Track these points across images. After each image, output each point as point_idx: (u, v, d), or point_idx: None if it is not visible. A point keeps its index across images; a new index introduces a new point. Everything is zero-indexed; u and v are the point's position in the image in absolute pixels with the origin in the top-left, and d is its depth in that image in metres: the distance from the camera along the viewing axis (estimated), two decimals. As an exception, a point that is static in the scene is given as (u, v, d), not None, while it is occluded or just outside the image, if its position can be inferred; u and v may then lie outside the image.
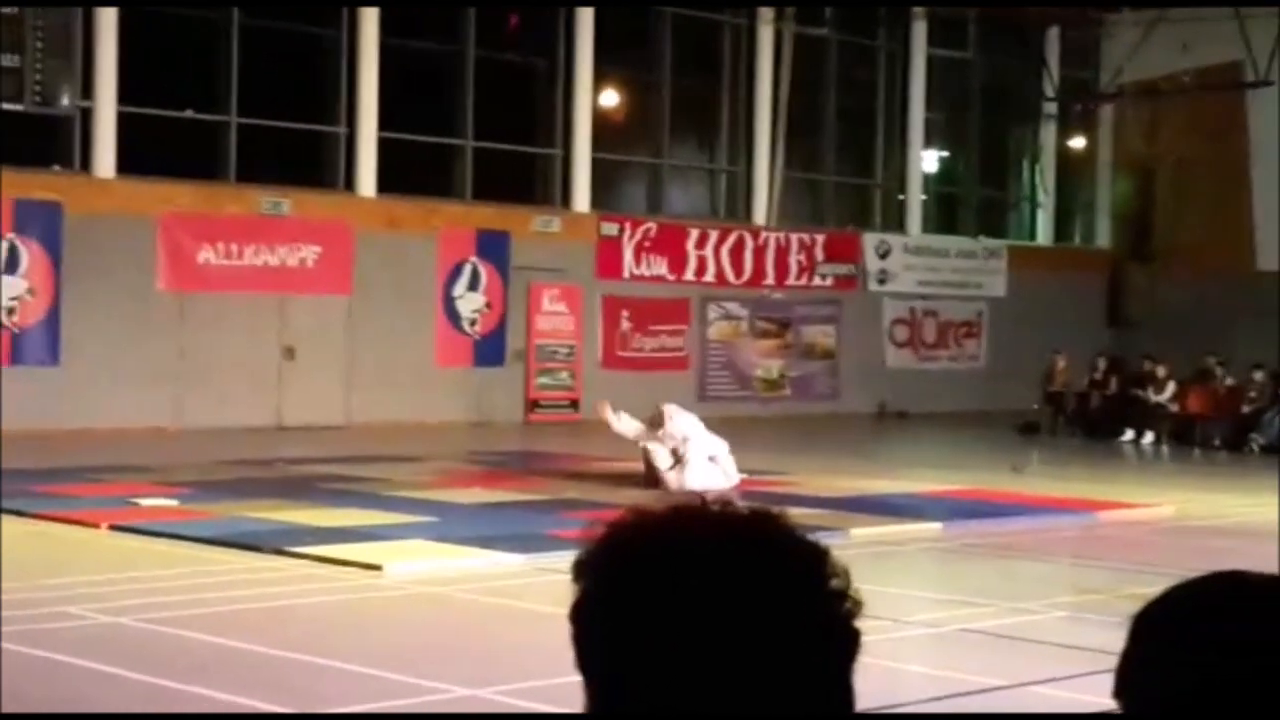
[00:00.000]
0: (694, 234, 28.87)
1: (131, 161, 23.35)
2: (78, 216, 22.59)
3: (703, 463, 16.88)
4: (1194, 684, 1.45)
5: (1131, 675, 1.50)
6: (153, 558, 12.04)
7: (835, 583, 1.39)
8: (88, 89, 22.81)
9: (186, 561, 11.86)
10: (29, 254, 22.44)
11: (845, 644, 1.39)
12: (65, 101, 22.34)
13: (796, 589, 1.36)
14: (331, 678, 8.34)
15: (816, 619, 1.37)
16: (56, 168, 23.26)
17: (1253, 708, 1.44)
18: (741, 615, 1.33)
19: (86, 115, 23.04)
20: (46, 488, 15.45)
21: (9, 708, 7.56)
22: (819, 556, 1.40)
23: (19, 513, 13.85)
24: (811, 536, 1.41)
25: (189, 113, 24.48)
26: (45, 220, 22.49)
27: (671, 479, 16.66)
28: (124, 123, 23.32)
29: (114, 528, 13.24)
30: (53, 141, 23.15)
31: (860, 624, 1.39)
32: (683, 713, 1.33)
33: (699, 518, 1.40)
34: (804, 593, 1.37)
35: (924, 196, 32.63)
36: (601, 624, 1.37)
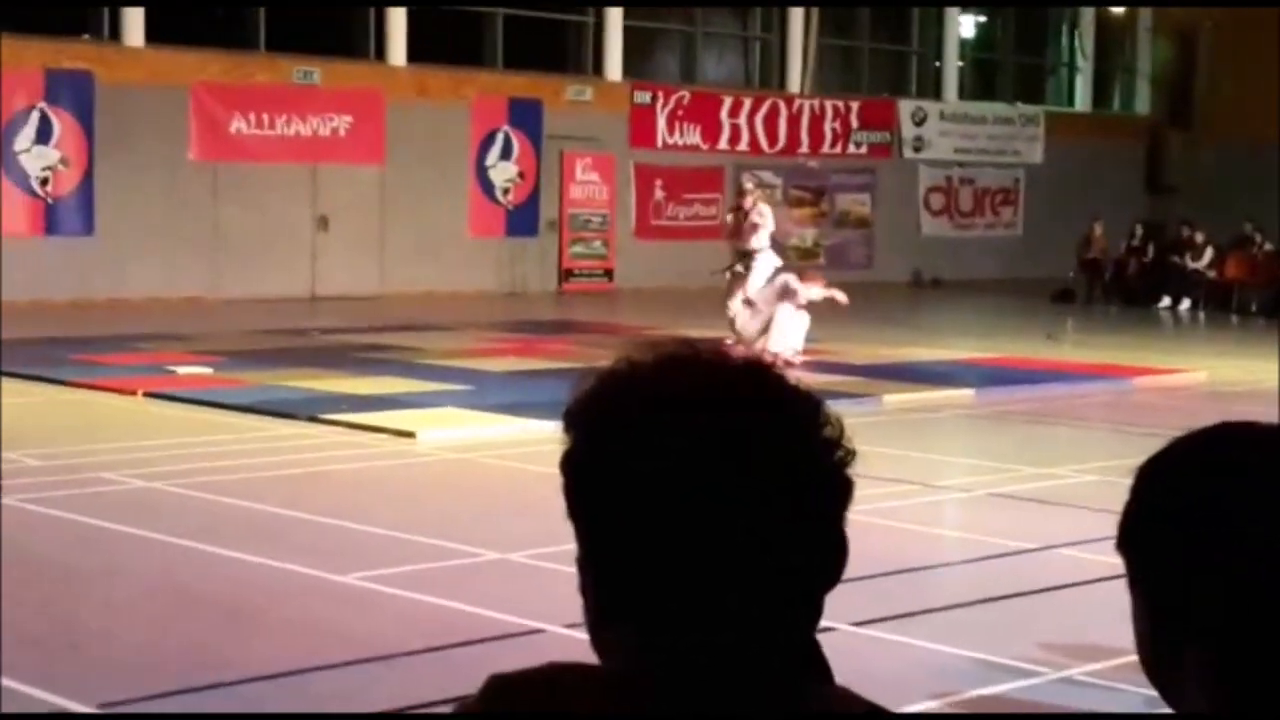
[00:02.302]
0: (728, 102, 28.64)
1: (161, 31, 23.22)
2: (109, 86, 22.53)
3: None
4: (1196, 534, 1.43)
5: (1133, 526, 1.49)
6: (188, 425, 12.14)
7: (828, 431, 1.37)
8: (116, -43, 22.66)
9: (221, 429, 11.96)
10: (61, 124, 22.43)
11: (837, 492, 1.37)
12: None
13: (788, 436, 1.35)
14: (363, 541, 8.42)
15: (808, 466, 1.35)
16: (86, 37, 23.17)
17: (1254, 555, 1.42)
18: (732, 462, 1.32)
19: (115, -16, 22.90)
20: (82, 356, 15.55)
21: (47, 572, 7.66)
22: (811, 405, 1.38)
23: (57, 381, 13.97)
24: (841, 399, 1.40)
25: (219, -20, 24.30)
26: (77, 90, 22.44)
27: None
28: (153, -9, 23.16)
29: (149, 395, 13.34)
30: (83, 11, 23.03)
31: (852, 474, 1.37)
32: (665, 572, 1.32)
33: (690, 366, 1.38)
34: (796, 440, 1.35)
35: (960, 62, 32.27)
36: (591, 473, 1.36)
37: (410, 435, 11.60)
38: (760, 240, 17.82)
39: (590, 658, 1.38)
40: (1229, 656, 1.43)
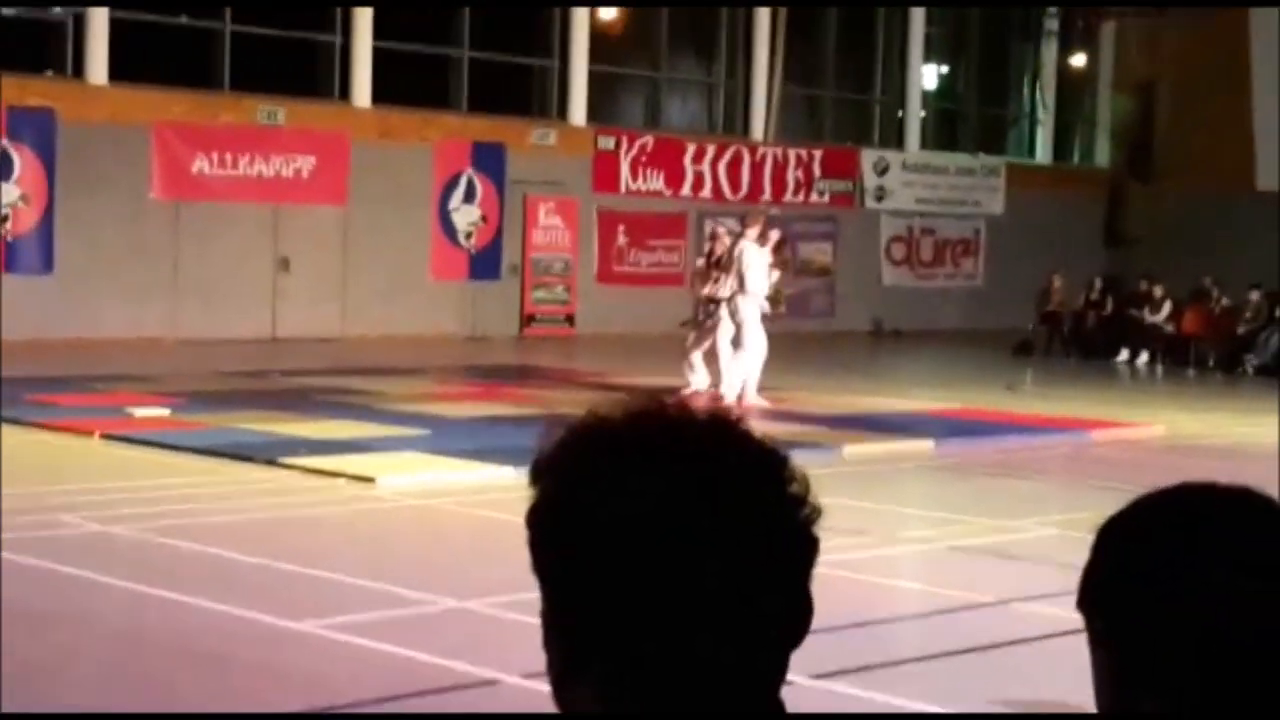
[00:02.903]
0: (691, 148, 28.75)
1: (125, 69, 23.18)
2: (71, 124, 22.46)
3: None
4: (1157, 595, 1.45)
5: (1097, 585, 1.50)
6: (145, 467, 12.06)
7: (794, 488, 1.37)
8: (81, -5, 22.63)
9: (179, 471, 11.89)
10: (22, 161, 22.33)
11: (804, 550, 1.37)
12: (58, 7, 22.18)
13: (754, 493, 1.34)
14: (321, 587, 8.37)
15: (774, 524, 1.35)
16: (50, 74, 23.10)
17: (1215, 617, 1.44)
18: (699, 519, 1.31)
19: (80, 21, 22.87)
20: (40, 397, 15.44)
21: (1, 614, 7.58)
22: (778, 462, 1.38)
23: (13, 421, 13.86)
24: (800, 450, 1.40)
25: (183, 19, 24.29)
26: (38, 127, 22.36)
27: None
28: (117, 29, 23.13)
29: (107, 437, 13.26)
30: (46, 47, 22.98)
31: (818, 531, 1.37)
32: (638, 617, 1.32)
33: (658, 418, 1.38)
34: (762, 497, 1.35)
35: (923, 113, 32.48)
36: (557, 528, 1.35)
37: (370, 480, 11.55)
38: (732, 287, 17.04)
39: (550, 709, 1.38)
40: (1194, 714, 1.44)
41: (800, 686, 6.26)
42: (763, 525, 1.33)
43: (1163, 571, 1.44)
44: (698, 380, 17.49)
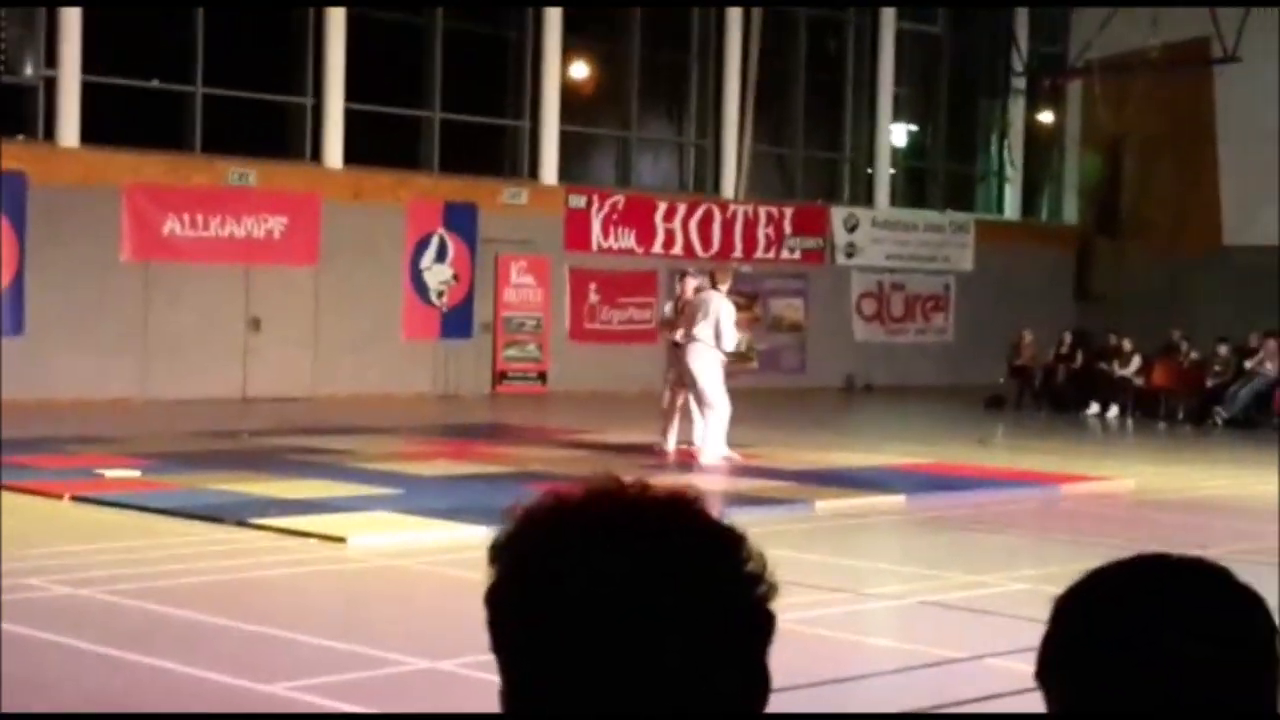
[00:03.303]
0: (662, 206, 28.86)
1: (96, 131, 23.21)
2: (42, 186, 22.46)
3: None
4: (1114, 665, 1.47)
5: (1052, 657, 1.52)
6: (116, 529, 12.01)
7: (751, 566, 1.39)
8: (52, 58, 22.67)
9: (149, 533, 11.84)
10: (-8, 224, 22.30)
11: (761, 627, 1.39)
12: (29, 70, 22.21)
13: (712, 573, 1.37)
14: (291, 649, 8.34)
15: (732, 603, 1.37)
16: (20, 138, 23.11)
17: (1171, 686, 1.46)
18: (656, 600, 1.34)
19: (51, 84, 22.90)
20: (9, 458, 15.33)
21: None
22: (735, 540, 1.41)
23: (-19, 484, 13.79)
24: (773, 505, 1.42)
25: (155, 83, 24.36)
26: (9, 190, 22.33)
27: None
28: (89, 92, 23.18)
29: (76, 499, 13.20)
30: (17, 111, 22.98)
31: (775, 607, 1.40)
32: (596, 698, 1.33)
33: (615, 501, 1.40)
34: (719, 577, 1.37)
35: (892, 170, 32.67)
36: (515, 607, 1.37)
37: (340, 540, 11.51)
38: (702, 331, 16.74)
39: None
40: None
41: (771, 744, 6.25)
42: (720, 603, 1.36)
43: (1119, 642, 1.46)
44: (670, 440, 17.38)
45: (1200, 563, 1.54)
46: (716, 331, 16.75)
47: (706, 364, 16.78)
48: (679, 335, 17.15)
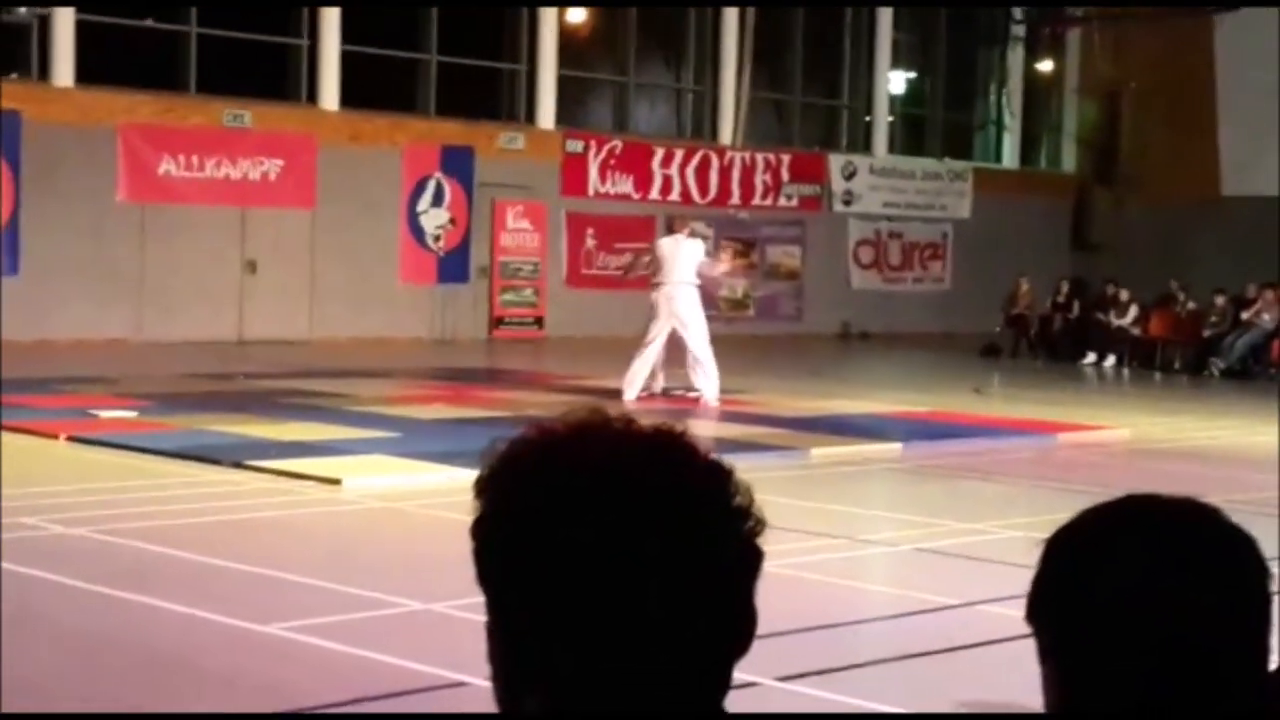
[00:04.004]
0: (659, 153, 28.77)
1: (91, 71, 23.10)
2: (37, 125, 22.36)
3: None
4: (1102, 605, 1.46)
5: (1041, 597, 1.52)
6: (110, 469, 12.01)
7: (738, 500, 1.38)
8: (46, -4, 22.55)
9: (144, 474, 11.84)
10: (-12, 163, 22.23)
11: (749, 562, 1.38)
12: (23, 10, 22.08)
13: (699, 506, 1.35)
14: (286, 590, 8.35)
15: (720, 537, 1.35)
16: (14, 76, 23.00)
17: (1159, 626, 1.45)
18: (642, 533, 1.32)
19: (45, 23, 22.77)
20: (4, 398, 15.35)
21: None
22: (723, 474, 1.39)
23: (-24, 423, 13.79)
24: (768, 452, 1.41)
25: (149, 22, 24.21)
26: (4, 129, 22.24)
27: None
28: (83, 31, 23.06)
29: (72, 439, 13.20)
30: (11, 50, 22.87)
31: (762, 543, 1.38)
32: (580, 631, 1.32)
33: (602, 434, 1.39)
34: (707, 510, 1.36)
35: (890, 118, 32.58)
36: (500, 540, 1.36)
37: (336, 483, 11.52)
38: (667, 274, 17.22)
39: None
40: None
41: (764, 688, 6.27)
42: (708, 537, 1.34)
43: (1108, 582, 1.45)
44: (658, 384, 17.56)
45: (1190, 502, 1.53)
46: (662, 272, 17.20)
47: (683, 307, 17.08)
48: (662, 278, 17.32)
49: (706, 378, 17.02)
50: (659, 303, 17.23)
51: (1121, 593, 1.45)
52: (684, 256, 17.34)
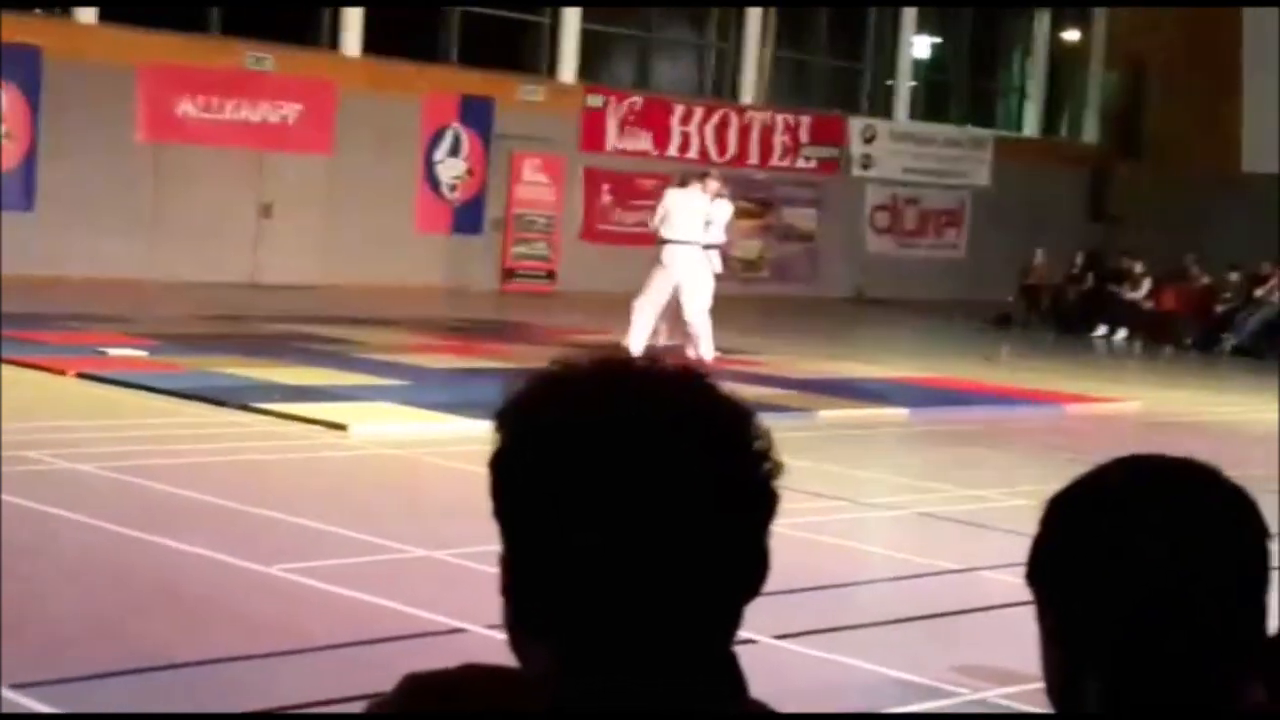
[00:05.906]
0: (679, 110, 28.68)
1: (113, 9, 23.05)
2: (57, 62, 22.32)
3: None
4: (1100, 566, 1.46)
5: (1042, 558, 1.52)
6: (119, 407, 12.04)
7: (758, 444, 1.38)
8: (70, -68, 22.49)
9: (152, 413, 11.87)
10: (7, 97, 22.21)
11: (764, 503, 1.38)
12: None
13: (718, 446, 1.35)
14: (289, 532, 8.38)
15: (737, 478, 1.35)
16: (38, 11, 22.96)
17: (1160, 589, 1.45)
18: (660, 470, 1.32)
19: (69, -41, 22.73)
20: (15, 333, 15.37)
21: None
22: (743, 416, 1.39)
23: (-13, 357, 13.82)
24: (776, 413, 1.41)
25: (173, -39, 24.14)
26: (24, 64, 22.22)
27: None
28: (107, -31, 23.00)
29: (81, 375, 13.23)
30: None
31: (779, 487, 1.38)
32: (596, 566, 1.32)
33: (624, 372, 1.39)
34: (725, 450, 1.36)
35: (913, 82, 32.43)
36: (519, 475, 1.36)
37: (342, 428, 11.53)
38: (672, 229, 16.96)
39: (509, 658, 1.38)
40: (1125, 688, 1.45)
41: (764, 645, 6.28)
42: (726, 479, 1.34)
43: (1106, 543, 1.46)
44: (662, 340, 17.37)
45: (1192, 462, 1.53)
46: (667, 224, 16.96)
47: (680, 265, 16.78)
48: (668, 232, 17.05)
49: (694, 348, 16.30)
50: (663, 259, 17.05)
51: (1121, 551, 1.45)
52: (693, 211, 16.92)
